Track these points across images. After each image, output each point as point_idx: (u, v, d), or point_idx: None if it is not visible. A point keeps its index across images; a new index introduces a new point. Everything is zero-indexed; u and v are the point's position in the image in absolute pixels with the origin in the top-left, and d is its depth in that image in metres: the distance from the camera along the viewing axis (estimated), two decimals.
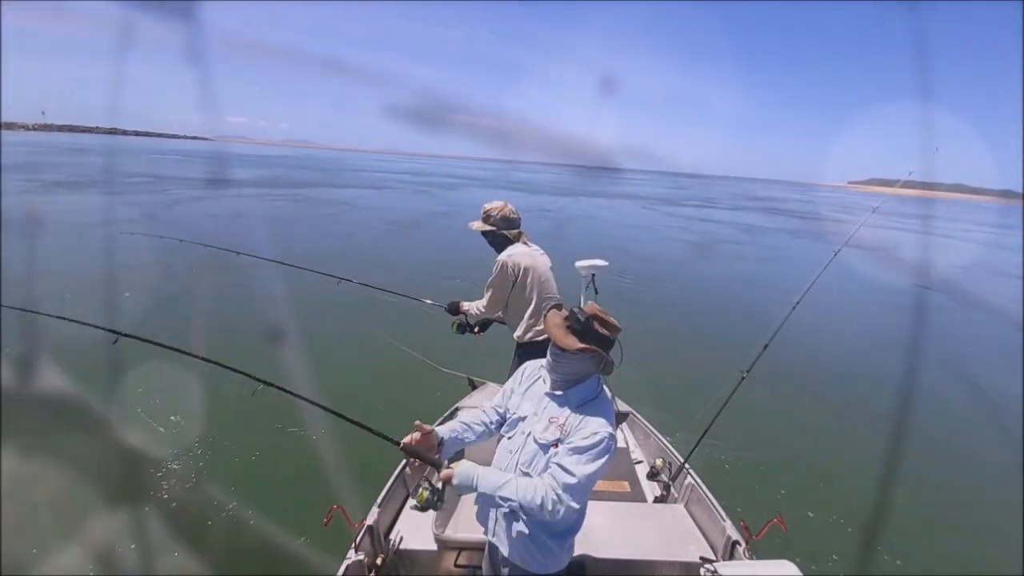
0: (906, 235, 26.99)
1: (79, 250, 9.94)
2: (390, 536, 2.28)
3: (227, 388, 4.72)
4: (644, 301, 9.53)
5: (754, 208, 40.11)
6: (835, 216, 36.66)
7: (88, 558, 2.89)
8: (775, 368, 5.93)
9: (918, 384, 6.51)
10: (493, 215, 2.82)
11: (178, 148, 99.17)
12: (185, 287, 8.13)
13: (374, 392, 5.14)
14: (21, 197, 17.09)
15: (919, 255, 19.40)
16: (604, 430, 1.41)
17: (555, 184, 52.00)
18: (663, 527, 2.34)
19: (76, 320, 2.24)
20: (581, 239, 16.76)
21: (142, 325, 5.39)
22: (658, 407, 4.76)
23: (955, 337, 8.88)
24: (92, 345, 2.22)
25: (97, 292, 7.12)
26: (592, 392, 1.51)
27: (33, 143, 72.76)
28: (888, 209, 29.83)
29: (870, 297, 11.68)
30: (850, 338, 8.44)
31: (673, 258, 14.96)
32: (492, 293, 2.84)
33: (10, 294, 6.30)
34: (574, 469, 1.38)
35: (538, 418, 1.52)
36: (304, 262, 4.14)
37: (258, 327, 6.44)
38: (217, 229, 13.34)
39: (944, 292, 12.77)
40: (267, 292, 7.05)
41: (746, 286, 11.83)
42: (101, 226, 11.14)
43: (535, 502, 1.37)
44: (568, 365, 1.48)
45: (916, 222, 35.02)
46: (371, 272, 6.93)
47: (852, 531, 3.67)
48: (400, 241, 14.38)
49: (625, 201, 36.20)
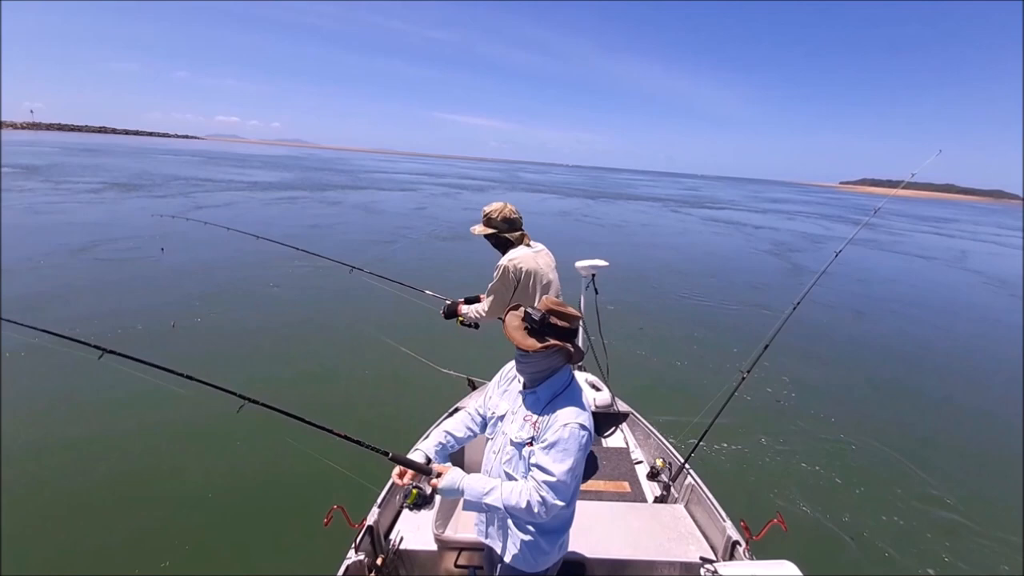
0: (932, 238, 26.98)
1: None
2: (390, 536, 2.28)
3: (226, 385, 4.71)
4: (644, 301, 9.63)
5: (770, 211, 40.24)
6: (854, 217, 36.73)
7: (90, 559, 2.92)
8: (775, 368, 6.16)
9: (917, 382, 6.71)
10: (494, 218, 2.75)
11: (182, 148, 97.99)
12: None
13: (375, 393, 5.14)
14: (107, 204, 16.82)
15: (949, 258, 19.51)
16: (574, 420, 1.40)
17: (567, 185, 51.91)
18: (663, 527, 2.35)
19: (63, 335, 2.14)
20: (581, 240, 16.67)
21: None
22: (658, 407, 4.85)
23: (962, 342, 8.84)
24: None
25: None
26: (561, 385, 1.50)
27: (34, 142, 71.54)
28: (892, 210, 29.96)
29: (871, 297, 11.78)
30: (850, 338, 8.48)
31: (674, 259, 14.94)
32: (494, 298, 2.79)
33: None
34: (551, 468, 1.38)
35: (514, 416, 1.53)
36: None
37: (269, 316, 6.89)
38: (310, 240, 12.73)
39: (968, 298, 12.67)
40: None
41: (746, 287, 11.93)
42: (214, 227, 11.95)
43: (520, 506, 1.40)
44: (534, 364, 1.47)
45: (930, 224, 35.25)
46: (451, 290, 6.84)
47: (852, 531, 3.66)
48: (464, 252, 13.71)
49: (626, 202, 36.18)
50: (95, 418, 4.37)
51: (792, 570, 1.84)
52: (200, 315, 6.89)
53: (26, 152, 45.20)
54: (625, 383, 4.22)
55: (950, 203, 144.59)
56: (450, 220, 18.87)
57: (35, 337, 2.15)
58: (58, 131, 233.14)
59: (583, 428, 1.40)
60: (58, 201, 16.87)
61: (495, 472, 1.56)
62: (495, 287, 2.75)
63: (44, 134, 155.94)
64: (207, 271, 9.17)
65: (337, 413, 4.68)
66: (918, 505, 4.06)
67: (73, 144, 76.70)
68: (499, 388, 1.67)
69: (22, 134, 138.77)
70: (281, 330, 6.69)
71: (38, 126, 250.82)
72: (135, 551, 3.02)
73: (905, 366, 7.31)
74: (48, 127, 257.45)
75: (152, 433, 4.19)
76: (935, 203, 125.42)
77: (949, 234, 32.44)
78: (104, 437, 4.12)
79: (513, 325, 1.49)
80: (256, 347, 6.10)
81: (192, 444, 4.09)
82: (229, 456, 3.96)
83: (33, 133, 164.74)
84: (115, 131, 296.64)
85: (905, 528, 3.77)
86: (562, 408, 1.43)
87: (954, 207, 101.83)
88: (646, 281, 11.32)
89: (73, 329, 3.84)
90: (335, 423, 1.80)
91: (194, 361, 5.45)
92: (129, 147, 78.33)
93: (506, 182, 52.44)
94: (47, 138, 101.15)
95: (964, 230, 37.41)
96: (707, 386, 5.56)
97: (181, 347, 5.88)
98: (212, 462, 3.88)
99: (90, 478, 3.65)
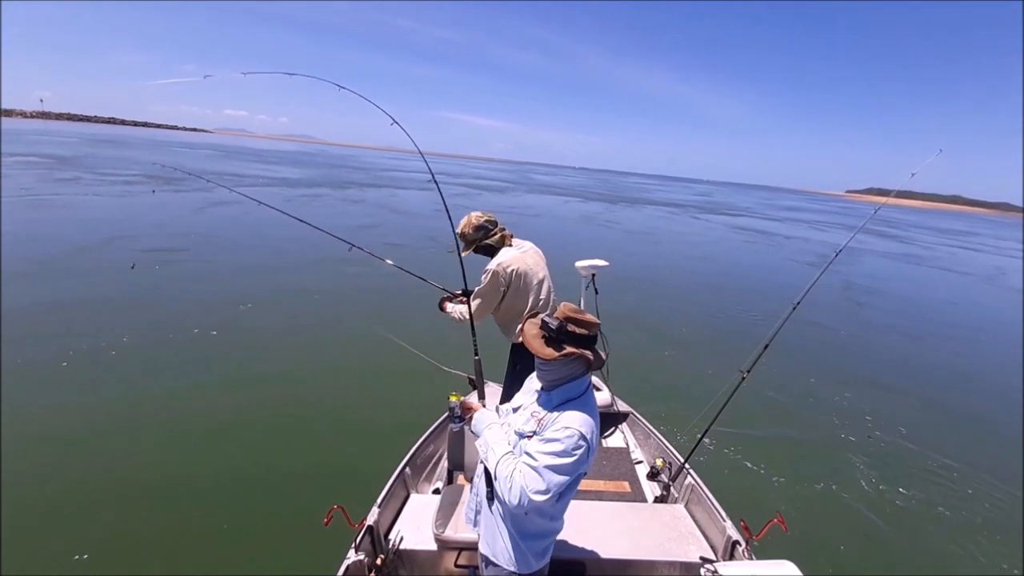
0: (965, 253, 26.89)
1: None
2: (390, 536, 2.27)
3: (226, 388, 4.95)
4: (645, 301, 9.53)
5: (788, 219, 40.04)
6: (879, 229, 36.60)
7: (90, 559, 2.92)
8: (775, 368, 6.19)
9: (918, 381, 6.79)
10: (467, 233, 2.75)
11: (195, 141, 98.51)
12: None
13: (377, 388, 5.19)
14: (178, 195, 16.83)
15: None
16: (576, 427, 1.39)
17: (581, 187, 51.85)
18: (663, 527, 2.34)
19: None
20: (582, 241, 16.72)
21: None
22: (658, 407, 4.88)
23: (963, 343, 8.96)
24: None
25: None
26: (576, 392, 1.49)
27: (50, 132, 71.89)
28: (912, 222, 29.50)
29: (871, 298, 11.76)
30: (850, 338, 8.46)
31: (675, 259, 14.87)
32: (481, 302, 2.77)
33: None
34: (538, 458, 1.39)
35: (524, 410, 1.56)
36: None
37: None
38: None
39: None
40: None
41: (747, 286, 11.85)
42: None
43: (502, 474, 1.43)
44: (554, 372, 1.48)
45: (951, 237, 35.06)
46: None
47: (852, 531, 3.66)
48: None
49: (646, 207, 36.25)
50: (93, 415, 4.31)
51: (792, 570, 1.82)
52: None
53: (48, 142, 45.55)
54: (625, 382, 4.27)
55: (962, 215, 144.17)
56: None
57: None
58: (67, 120, 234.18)
59: (583, 439, 1.38)
60: (118, 194, 17.22)
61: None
62: (483, 291, 2.74)
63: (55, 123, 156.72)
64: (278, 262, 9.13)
65: (337, 412, 4.70)
66: (919, 505, 4.07)
67: (89, 135, 77.11)
68: (526, 387, 1.69)
69: (34, 123, 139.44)
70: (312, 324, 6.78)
71: (48, 115, 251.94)
72: (135, 551, 3.02)
73: (916, 372, 7.31)
74: (58, 116, 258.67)
75: (152, 433, 4.15)
76: (948, 215, 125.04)
77: (975, 248, 32.28)
78: (104, 436, 4.07)
79: (531, 334, 1.48)
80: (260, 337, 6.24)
81: (192, 444, 4.05)
82: (229, 456, 3.93)
83: (44, 122, 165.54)
84: (123, 122, 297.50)
85: (905, 528, 3.77)
86: (570, 412, 1.42)
87: (968, 219, 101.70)
88: (648, 281, 11.28)
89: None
90: (335, 419, 1.77)
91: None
92: (143, 139, 78.73)
93: (521, 183, 52.31)
94: (60, 128, 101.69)
95: (986, 244, 37.23)
96: (707, 386, 5.58)
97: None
98: (212, 462, 3.85)
99: (90, 477, 3.61)
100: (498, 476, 1.45)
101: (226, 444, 4.06)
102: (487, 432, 1.58)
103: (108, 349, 5.42)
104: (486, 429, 1.59)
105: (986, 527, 3.87)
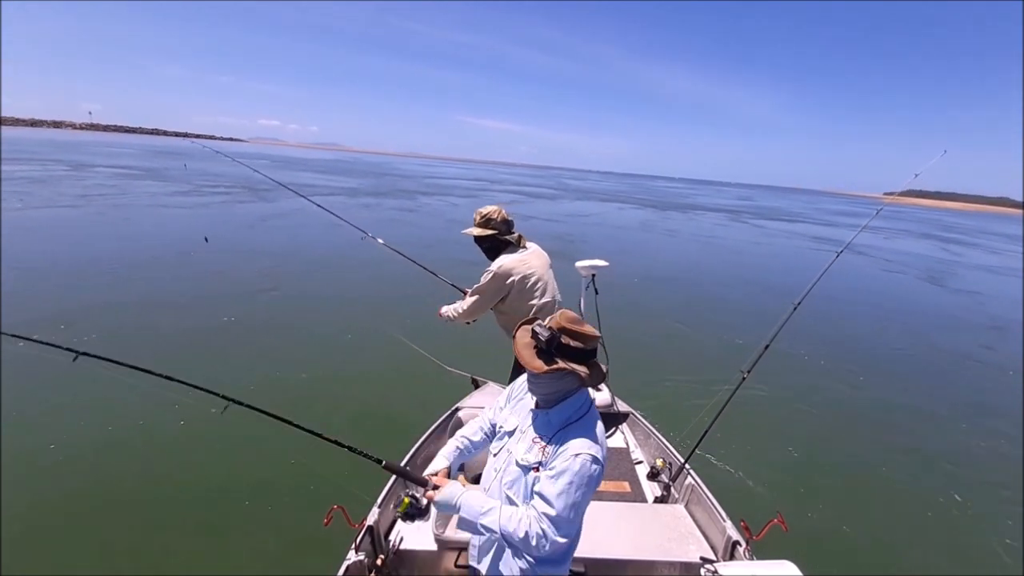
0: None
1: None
2: (390, 536, 2.26)
3: (224, 387, 4.47)
4: (645, 301, 9.41)
5: (844, 224, 38.20)
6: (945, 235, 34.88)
7: (90, 561, 2.91)
8: (775, 368, 6.03)
9: (917, 381, 6.67)
10: (494, 219, 2.77)
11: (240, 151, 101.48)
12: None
13: (379, 386, 5.17)
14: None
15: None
16: (586, 452, 1.30)
17: (619, 193, 51.27)
18: (663, 527, 2.33)
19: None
20: (586, 242, 16.40)
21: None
22: (658, 407, 4.86)
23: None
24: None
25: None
26: (577, 411, 1.39)
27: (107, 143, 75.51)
28: (977, 228, 27.76)
29: (871, 298, 11.43)
30: (850, 338, 8.33)
31: (678, 260, 14.57)
32: (476, 300, 2.80)
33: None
34: (554, 500, 1.28)
35: (523, 436, 1.45)
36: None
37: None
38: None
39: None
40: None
41: (747, 288, 11.66)
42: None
43: (518, 534, 1.30)
44: (545, 385, 1.36)
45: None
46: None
47: (852, 531, 3.63)
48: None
49: (696, 212, 35.24)
50: (97, 421, 4.27)
51: (792, 570, 1.84)
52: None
53: (113, 153, 48.07)
54: (625, 382, 4.32)
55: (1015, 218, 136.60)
56: (550, 232, 17.68)
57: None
58: (114, 132, 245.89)
59: (595, 461, 1.30)
60: (224, 202, 18.15)
61: (494, 492, 1.45)
62: (481, 288, 2.77)
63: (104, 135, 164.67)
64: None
65: (336, 410, 4.70)
66: (919, 505, 4.08)
67: (143, 146, 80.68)
68: (511, 400, 1.59)
69: (84, 135, 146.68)
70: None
71: (96, 127, 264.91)
72: (134, 552, 3.02)
73: (925, 376, 7.10)
74: (105, 128, 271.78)
75: (152, 433, 4.15)
76: (1003, 219, 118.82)
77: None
78: (109, 439, 4.08)
79: (522, 343, 1.37)
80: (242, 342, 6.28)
81: (192, 444, 4.06)
82: (229, 456, 3.92)
83: (93, 134, 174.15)
84: (166, 133, 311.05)
85: (906, 528, 3.79)
86: (575, 438, 1.32)
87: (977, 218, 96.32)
88: (650, 282, 11.01)
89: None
90: (334, 417, 1.49)
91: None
92: (195, 150, 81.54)
93: (558, 188, 51.85)
94: (112, 139, 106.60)
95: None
96: (707, 386, 5.64)
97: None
98: (212, 462, 3.86)
99: (93, 477, 3.61)
100: (511, 534, 1.30)
101: (226, 444, 4.03)
102: (465, 499, 1.39)
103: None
104: (460, 498, 1.40)
105: (987, 527, 3.88)
